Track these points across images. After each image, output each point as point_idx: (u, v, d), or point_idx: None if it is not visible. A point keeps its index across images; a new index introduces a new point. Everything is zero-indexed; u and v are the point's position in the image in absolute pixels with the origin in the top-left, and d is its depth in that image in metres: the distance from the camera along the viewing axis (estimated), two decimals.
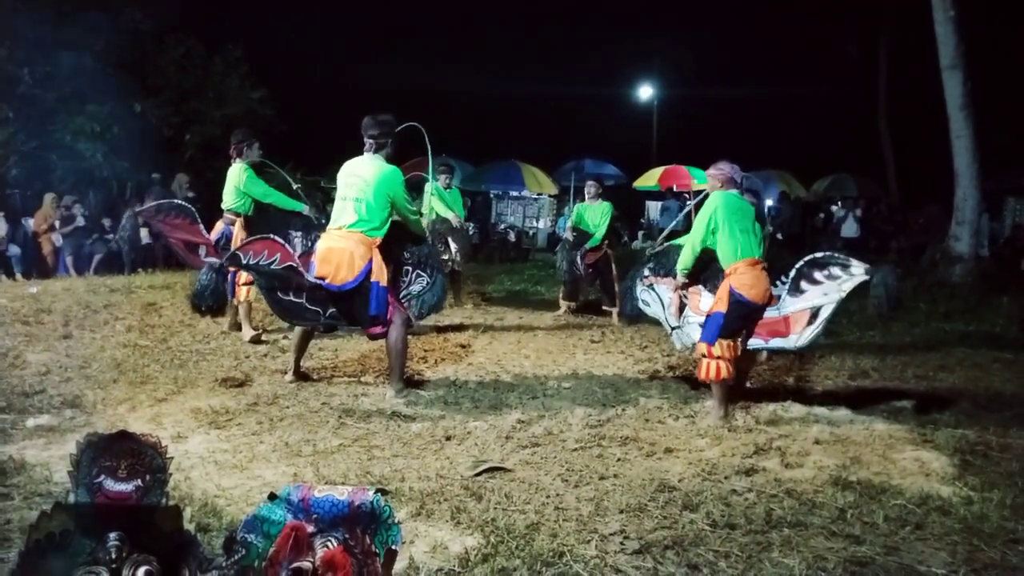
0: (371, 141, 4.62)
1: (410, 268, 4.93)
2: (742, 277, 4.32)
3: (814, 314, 4.29)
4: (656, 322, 5.19)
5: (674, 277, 4.77)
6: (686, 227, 5.68)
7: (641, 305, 5.07)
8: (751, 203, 4.62)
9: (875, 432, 4.15)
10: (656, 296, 4.95)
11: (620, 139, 24.33)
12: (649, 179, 18.15)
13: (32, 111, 12.02)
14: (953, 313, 8.32)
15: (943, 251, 10.81)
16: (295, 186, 6.11)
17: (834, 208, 16.74)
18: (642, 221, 20.35)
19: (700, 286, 4.70)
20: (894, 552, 2.77)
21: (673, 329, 4.82)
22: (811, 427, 4.23)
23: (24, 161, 12.00)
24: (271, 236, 4.51)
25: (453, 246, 7.95)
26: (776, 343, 4.45)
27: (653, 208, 20.11)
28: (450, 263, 7.93)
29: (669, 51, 25.12)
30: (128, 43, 13.14)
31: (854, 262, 4.27)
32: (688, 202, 10.90)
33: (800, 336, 4.32)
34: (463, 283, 8.74)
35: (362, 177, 4.54)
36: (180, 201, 6.82)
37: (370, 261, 4.48)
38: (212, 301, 4.42)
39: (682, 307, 4.77)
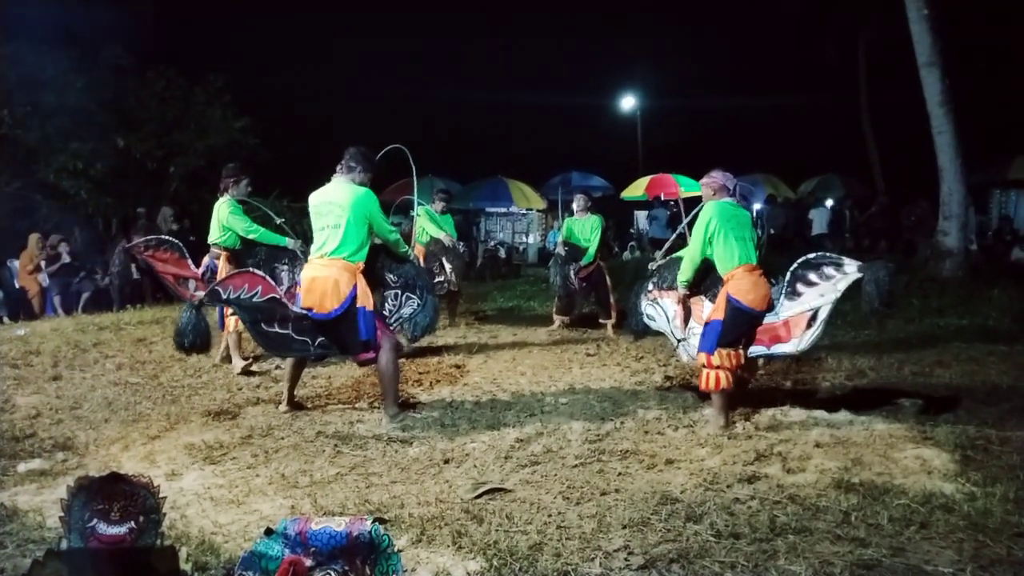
0: (342, 164, 4.67)
1: (399, 291, 4.90)
2: (740, 283, 4.31)
3: (813, 316, 4.27)
4: (655, 333, 5.18)
5: (676, 290, 4.76)
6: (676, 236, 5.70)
7: (646, 320, 5.05)
8: (745, 209, 4.64)
9: (875, 432, 4.13)
10: (660, 310, 4.94)
11: (606, 150, 24.47)
12: (636, 189, 18.22)
13: (14, 152, 11.99)
14: (946, 308, 8.34)
15: (932, 247, 10.86)
16: (278, 220, 6.09)
17: (811, 213, 16.74)
18: (631, 231, 20.42)
19: (703, 296, 4.67)
20: (900, 553, 2.75)
21: (679, 341, 4.79)
22: (811, 430, 4.21)
23: (7, 202, 11.94)
24: (251, 270, 4.50)
25: (447, 266, 7.94)
26: (779, 349, 4.42)
27: (642, 218, 20.20)
28: (446, 284, 7.91)
29: (650, 61, 25.39)
30: (109, 79, 13.14)
31: (846, 260, 4.26)
32: (675, 210, 10.94)
33: (801, 340, 4.29)
34: (459, 302, 8.72)
35: (336, 203, 4.54)
36: (167, 236, 6.81)
37: (355, 287, 4.47)
38: (195, 339, 4.39)
39: (687, 319, 4.75)
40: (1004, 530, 2.88)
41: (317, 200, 4.63)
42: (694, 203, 5.01)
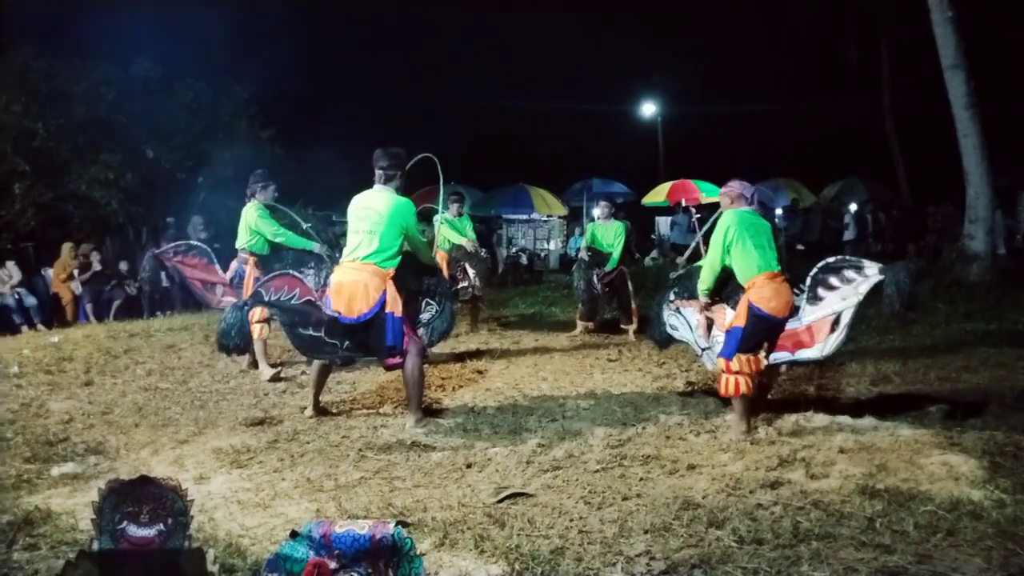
0: (381, 172, 4.70)
1: (419, 297, 4.96)
2: (760, 291, 4.31)
3: (836, 320, 4.24)
4: (678, 342, 5.17)
5: (697, 299, 4.76)
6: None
7: (669, 330, 5.05)
8: (763, 216, 4.62)
9: (901, 438, 4.08)
10: (683, 319, 4.94)
11: (627, 157, 24.48)
12: (657, 195, 18.19)
13: (48, 163, 12.25)
14: (973, 312, 8.21)
15: (958, 250, 10.71)
16: (305, 225, 6.18)
17: (846, 218, 16.57)
18: (653, 237, 20.35)
19: (724, 304, 4.66)
20: (926, 560, 2.72)
21: (703, 350, 4.79)
22: (835, 436, 4.17)
23: (42, 212, 12.21)
24: (290, 272, 4.58)
25: (471, 272, 7.98)
26: (803, 354, 4.39)
27: (663, 223, 20.14)
28: (470, 289, 7.96)
29: (670, 67, 25.34)
30: (139, 91, 13.40)
31: (867, 263, 4.22)
32: (695, 216, 10.92)
33: (825, 344, 4.26)
34: (481, 308, 8.75)
35: (375, 209, 4.59)
36: (196, 242, 6.92)
37: (384, 292, 4.51)
38: (239, 340, 4.46)
39: (710, 327, 4.75)
40: None
41: (357, 203, 4.67)
42: (713, 209, 5.01)
